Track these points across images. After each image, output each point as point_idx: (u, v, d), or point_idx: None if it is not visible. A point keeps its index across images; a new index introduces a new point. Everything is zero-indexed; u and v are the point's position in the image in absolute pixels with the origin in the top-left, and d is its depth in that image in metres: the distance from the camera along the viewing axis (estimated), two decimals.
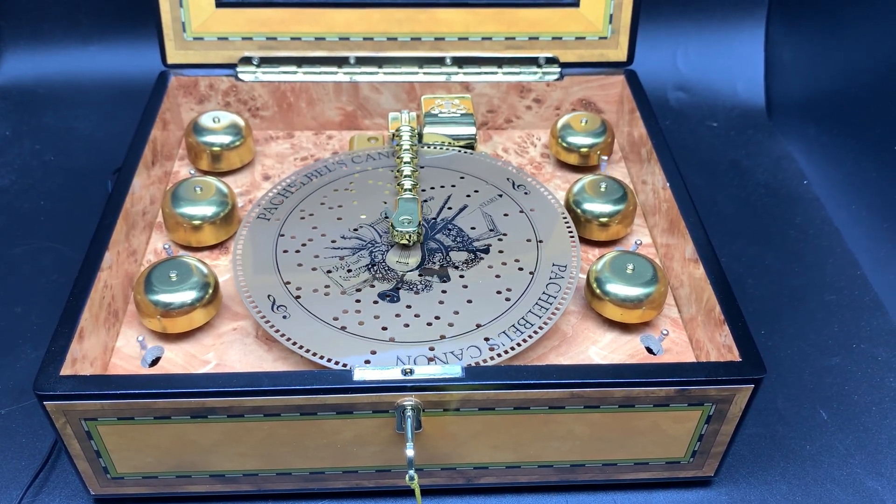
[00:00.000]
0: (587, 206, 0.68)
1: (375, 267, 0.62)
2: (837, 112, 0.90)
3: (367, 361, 0.54)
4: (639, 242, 0.68)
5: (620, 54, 0.80)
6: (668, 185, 0.67)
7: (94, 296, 0.57)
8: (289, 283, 0.60)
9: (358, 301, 0.59)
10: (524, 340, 0.57)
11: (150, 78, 0.80)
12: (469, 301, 0.60)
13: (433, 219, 0.66)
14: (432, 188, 0.69)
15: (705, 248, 0.61)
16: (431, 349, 0.56)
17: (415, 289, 0.60)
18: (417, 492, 0.50)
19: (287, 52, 0.78)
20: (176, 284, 0.59)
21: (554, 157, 0.79)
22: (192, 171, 0.74)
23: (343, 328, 0.57)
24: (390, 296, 0.60)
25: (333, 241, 0.63)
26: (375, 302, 0.59)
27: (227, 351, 0.60)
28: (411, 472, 0.50)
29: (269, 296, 0.59)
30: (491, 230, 0.65)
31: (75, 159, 0.89)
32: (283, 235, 0.63)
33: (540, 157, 0.80)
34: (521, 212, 0.67)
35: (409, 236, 0.62)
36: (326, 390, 0.50)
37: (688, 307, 0.62)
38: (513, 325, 0.58)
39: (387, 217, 0.64)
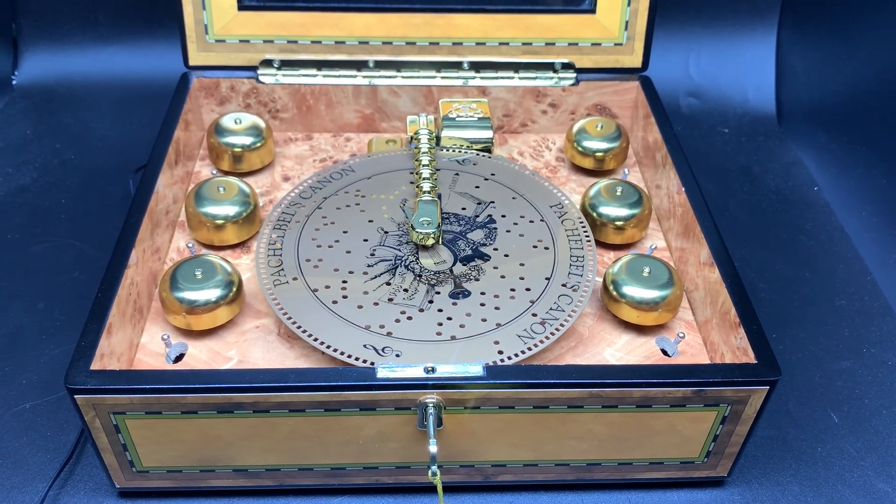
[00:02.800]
0: (603, 210, 0.69)
1: (423, 277, 0.62)
2: (848, 119, 0.91)
3: (500, 358, 0.56)
4: (654, 246, 0.69)
5: (635, 60, 0.81)
6: (683, 189, 0.68)
7: (122, 292, 0.58)
8: (369, 326, 0.58)
9: (440, 311, 0.60)
10: (591, 272, 0.63)
11: (167, 79, 0.81)
12: (521, 264, 0.64)
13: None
14: (397, 192, 0.69)
15: (720, 252, 0.62)
16: (534, 315, 0.59)
17: (472, 277, 0.62)
18: (440, 487, 0.51)
19: (307, 56, 0.79)
20: (201, 282, 0.60)
21: (569, 161, 0.81)
22: (214, 172, 0.75)
23: (452, 337, 0.58)
24: (460, 292, 0.61)
25: (365, 273, 0.62)
26: (454, 304, 0.60)
27: (250, 348, 0.61)
28: (434, 467, 0.51)
29: (364, 345, 0.57)
30: (479, 204, 0.69)
31: (94, 158, 0.90)
32: (316, 291, 0.61)
33: (555, 161, 0.81)
34: (486, 179, 0.71)
35: (431, 237, 0.63)
36: (351, 387, 0.51)
37: (702, 310, 0.64)
38: (571, 265, 0.63)
39: (387, 233, 0.64)
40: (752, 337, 0.56)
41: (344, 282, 0.62)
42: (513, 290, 0.62)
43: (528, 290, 0.62)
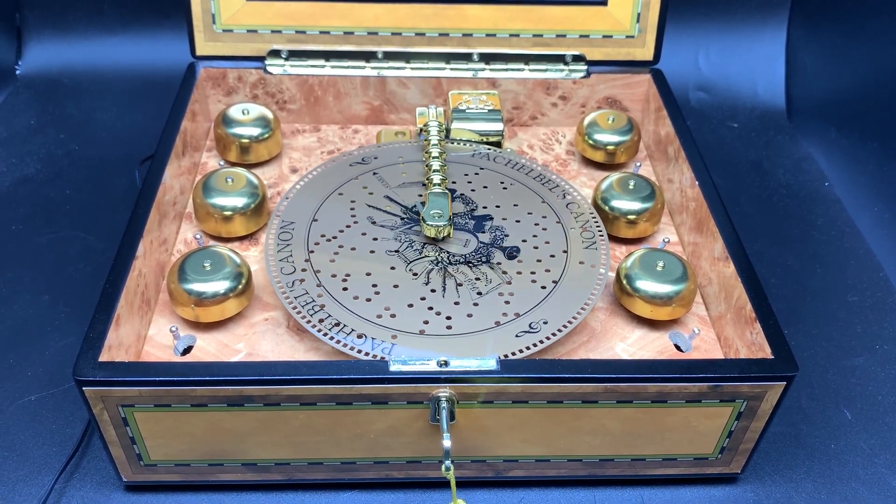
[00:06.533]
0: (615, 204, 0.69)
1: (474, 259, 0.63)
2: (858, 114, 0.90)
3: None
4: (667, 240, 0.69)
5: (647, 53, 0.80)
6: (696, 183, 0.68)
7: (130, 283, 0.57)
8: (498, 322, 0.58)
9: (519, 273, 0.62)
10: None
11: (172, 69, 0.80)
12: (515, 204, 0.68)
13: (412, 208, 0.67)
14: (354, 219, 0.66)
15: (735, 247, 0.62)
16: (579, 230, 0.65)
17: (502, 235, 0.65)
18: (453, 482, 0.51)
19: (315, 46, 0.78)
20: (209, 274, 0.60)
21: (579, 155, 0.80)
22: (222, 163, 0.74)
23: (554, 283, 0.61)
24: (512, 250, 0.63)
25: (433, 291, 0.60)
26: (520, 261, 0.63)
27: (259, 341, 0.60)
28: (448, 462, 0.50)
29: (517, 335, 0.57)
30: (423, 185, 0.70)
31: (100, 149, 0.90)
32: (423, 332, 0.57)
33: (565, 154, 0.80)
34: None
35: (445, 229, 0.62)
36: (363, 380, 0.51)
37: (716, 305, 0.63)
38: (556, 197, 0.69)
39: (397, 251, 0.63)
40: (768, 332, 0.55)
41: (430, 308, 0.59)
42: (536, 224, 0.66)
43: (544, 217, 0.66)
